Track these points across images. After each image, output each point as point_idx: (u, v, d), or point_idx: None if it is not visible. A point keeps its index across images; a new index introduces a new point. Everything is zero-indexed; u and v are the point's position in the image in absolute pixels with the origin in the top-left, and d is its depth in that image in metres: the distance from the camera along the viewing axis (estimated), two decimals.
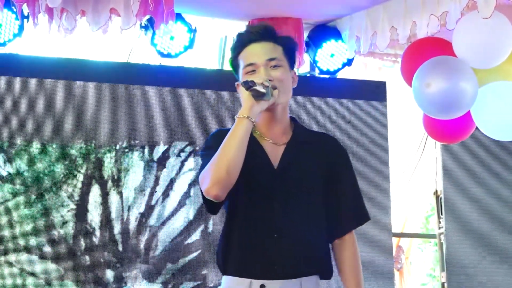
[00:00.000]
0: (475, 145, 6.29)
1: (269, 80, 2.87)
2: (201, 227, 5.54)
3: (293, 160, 2.91)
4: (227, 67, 6.21)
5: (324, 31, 5.90)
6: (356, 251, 3.01)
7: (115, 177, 5.47)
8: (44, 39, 5.46)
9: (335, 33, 5.86)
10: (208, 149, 2.91)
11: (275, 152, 2.92)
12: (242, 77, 2.93)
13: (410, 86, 4.96)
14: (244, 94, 2.83)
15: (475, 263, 6.35)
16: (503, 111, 4.77)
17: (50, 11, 4.73)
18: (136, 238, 5.42)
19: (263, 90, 2.82)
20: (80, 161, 5.39)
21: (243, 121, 2.79)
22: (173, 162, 5.55)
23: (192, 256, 5.51)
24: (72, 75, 5.41)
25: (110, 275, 5.34)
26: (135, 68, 5.69)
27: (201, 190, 2.84)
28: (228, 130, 2.89)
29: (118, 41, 5.73)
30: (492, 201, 6.46)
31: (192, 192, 5.53)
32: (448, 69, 4.70)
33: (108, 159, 5.44)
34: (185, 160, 5.63)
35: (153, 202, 5.52)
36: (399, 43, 5.36)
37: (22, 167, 5.26)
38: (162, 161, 5.54)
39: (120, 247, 5.39)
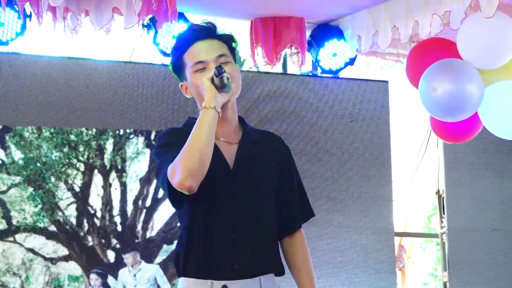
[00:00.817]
0: (477, 144, 6.29)
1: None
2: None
3: (247, 159, 2.90)
4: None
5: (326, 31, 5.90)
6: (306, 247, 3.02)
7: (119, 166, 5.27)
8: (46, 38, 5.46)
9: (337, 33, 5.86)
10: (164, 146, 2.87)
11: (228, 151, 2.91)
12: (190, 76, 2.90)
13: (416, 87, 4.96)
14: (205, 85, 2.81)
15: (477, 262, 6.34)
16: (509, 110, 4.77)
17: (53, 10, 4.74)
18: (134, 220, 5.28)
19: (225, 81, 2.81)
20: (81, 148, 5.22)
21: (210, 111, 2.77)
22: None
23: None
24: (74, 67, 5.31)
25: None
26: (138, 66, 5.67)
27: (167, 186, 2.78)
28: (181, 129, 2.90)
29: (120, 40, 5.73)
30: (494, 201, 6.46)
31: None
32: (454, 72, 4.69)
33: (111, 146, 5.23)
34: None
35: (159, 196, 5.36)
36: (401, 43, 5.36)
37: (18, 155, 5.07)
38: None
39: (119, 228, 5.27)
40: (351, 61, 5.95)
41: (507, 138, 4.99)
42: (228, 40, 2.95)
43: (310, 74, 6.09)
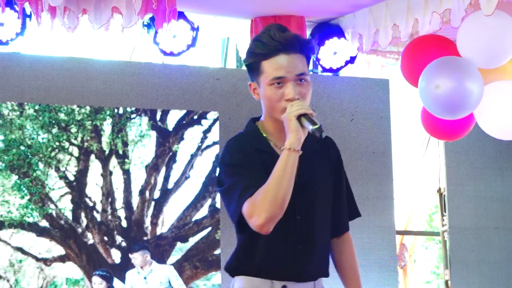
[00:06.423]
0: (478, 142, 6.30)
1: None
2: (208, 202, 4.95)
3: (308, 171, 2.90)
4: (230, 65, 6.25)
5: (327, 29, 5.90)
6: (353, 249, 3.11)
7: (119, 151, 4.71)
8: (46, 38, 5.46)
9: (338, 31, 5.86)
10: (235, 167, 2.82)
11: None
12: (264, 87, 2.86)
13: (411, 83, 4.97)
14: (293, 123, 2.75)
15: (478, 260, 6.34)
16: (505, 111, 4.76)
17: (52, 10, 4.74)
18: (141, 214, 4.74)
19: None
20: (73, 129, 4.59)
21: (294, 154, 2.74)
22: (193, 132, 4.82)
23: (202, 234, 4.92)
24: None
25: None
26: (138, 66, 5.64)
27: (238, 217, 2.76)
28: (246, 140, 2.88)
29: (120, 40, 5.72)
30: (495, 199, 6.46)
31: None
32: (456, 69, 4.69)
33: (109, 127, 4.60)
34: (209, 130, 4.84)
35: (170, 186, 4.89)
36: (401, 41, 5.36)
37: None
38: (179, 130, 4.92)
39: (124, 223, 4.69)
40: (352, 60, 5.95)
41: (501, 139, 4.99)
42: (308, 52, 2.90)
43: (311, 72, 6.09)
